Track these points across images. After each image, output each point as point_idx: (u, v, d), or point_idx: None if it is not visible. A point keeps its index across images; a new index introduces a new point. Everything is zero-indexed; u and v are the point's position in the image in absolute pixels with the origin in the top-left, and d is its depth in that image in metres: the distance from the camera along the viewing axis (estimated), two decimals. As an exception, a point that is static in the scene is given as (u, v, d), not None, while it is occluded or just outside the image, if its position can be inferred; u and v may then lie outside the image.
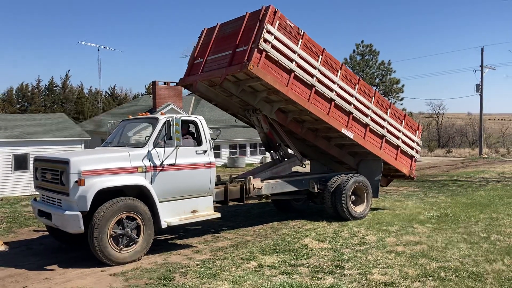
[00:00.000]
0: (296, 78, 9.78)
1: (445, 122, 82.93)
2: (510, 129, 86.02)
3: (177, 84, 11.34)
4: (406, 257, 7.36)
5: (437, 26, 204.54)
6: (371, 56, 44.23)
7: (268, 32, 9.14)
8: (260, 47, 9.00)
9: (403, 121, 12.25)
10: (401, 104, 46.96)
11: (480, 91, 41.06)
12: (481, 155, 40.28)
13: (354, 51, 45.17)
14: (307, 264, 7.16)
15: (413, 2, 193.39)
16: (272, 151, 11.56)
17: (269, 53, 9.21)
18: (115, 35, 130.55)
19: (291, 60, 9.63)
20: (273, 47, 9.27)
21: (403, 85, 44.33)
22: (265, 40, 9.09)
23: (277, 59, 9.38)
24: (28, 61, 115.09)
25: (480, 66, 41.20)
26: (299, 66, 9.77)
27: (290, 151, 11.61)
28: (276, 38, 9.31)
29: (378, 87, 44.70)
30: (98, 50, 62.32)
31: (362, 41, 45.24)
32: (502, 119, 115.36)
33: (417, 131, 12.73)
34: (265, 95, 10.09)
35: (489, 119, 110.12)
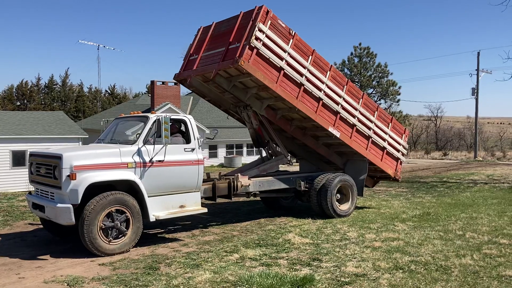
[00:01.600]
0: (286, 76, 10.15)
1: (443, 125, 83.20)
2: (508, 132, 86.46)
3: (174, 82, 11.79)
4: (381, 252, 7.72)
5: (434, 30, 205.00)
6: (369, 58, 44.63)
7: (260, 30, 9.55)
8: (251, 44, 9.40)
9: (390, 124, 12.60)
10: (398, 106, 47.35)
11: (475, 94, 41.43)
12: (476, 158, 40.66)
13: (352, 53, 45.61)
14: (286, 257, 7.52)
15: (410, 6, 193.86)
16: (260, 148, 11.92)
17: (260, 51, 9.60)
18: (115, 34, 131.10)
19: (281, 59, 10.01)
20: (264, 45, 9.67)
21: (399, 87, 44.69)
22: (257, 38, 9.49)
23: (268, 57, 9.77)
24: (28, 58, 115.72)
25: (476, 70, 41.58)
26: (289, 64, 10.15)
27: (278, 149, 11.96)
28: (267, 36, 9.71)
29: (375, 89, 45.07)
30: (98, 49, 62.81)
31: (360, 44, 45.70)
32: (501, 123, 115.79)
33: (404, 135, 13.10)
34: (255, 91, 10.46)
35: (488, 122, 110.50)
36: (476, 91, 41.47)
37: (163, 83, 30.74)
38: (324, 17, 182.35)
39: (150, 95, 33.70)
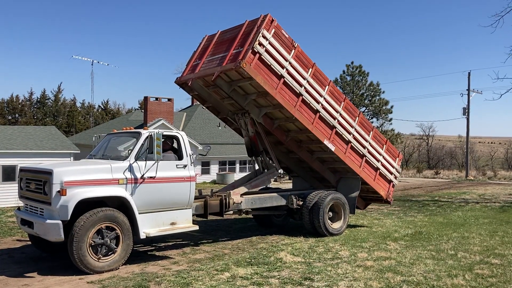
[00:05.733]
0: (286, 84, 10.24)
1: (435, 144, 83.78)
2: (499, 152, 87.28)
3: (167, 99, 11.76)
4: (373, 271, 7.67)
5: (426, 50, 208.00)
6: (361, 77, 44.98)
7: (264, 37, 9.68)
8: (254, 49, 9.51)
9: (385, 145, 12.64)
10: (390, 124, 47.51)
11: (466, 114, 41.84)
12: (468, 177, 40.85)
13: (344, 71, 45.89)
14: (278, 276, 7.44)
15: (401, 27, 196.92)
16: (254, 157, 11.88)
17: (262, 56, 9.69)
18: (109, 50, 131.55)
19: (282, 67, 10.12)
20: (267, 51, 9.79)
21: (391, 106, 44.95)
22: (260, 44, 9.61)
23: (269, 63, 9.86)
24: (21, 73, 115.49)
25: (467, 90, 42.10)
26: (289, 73, 10.26)
27: (271, 161, 11.91)
28: (270, 43, 9.84)
29: (368, 108, 45.34)
30: (92, 64, 62.54)
31: (352, 62, 46.02)
32: (492, 142, 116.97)
33: (397, 158, 13.13)
34: (254, 97, 10.53)
35: (479, 142, 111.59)
36: (467, 110, 41.90)
37: (156, 99, 30.78)
38: (315, 36, 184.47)
39: (143, 111, 33.68)
